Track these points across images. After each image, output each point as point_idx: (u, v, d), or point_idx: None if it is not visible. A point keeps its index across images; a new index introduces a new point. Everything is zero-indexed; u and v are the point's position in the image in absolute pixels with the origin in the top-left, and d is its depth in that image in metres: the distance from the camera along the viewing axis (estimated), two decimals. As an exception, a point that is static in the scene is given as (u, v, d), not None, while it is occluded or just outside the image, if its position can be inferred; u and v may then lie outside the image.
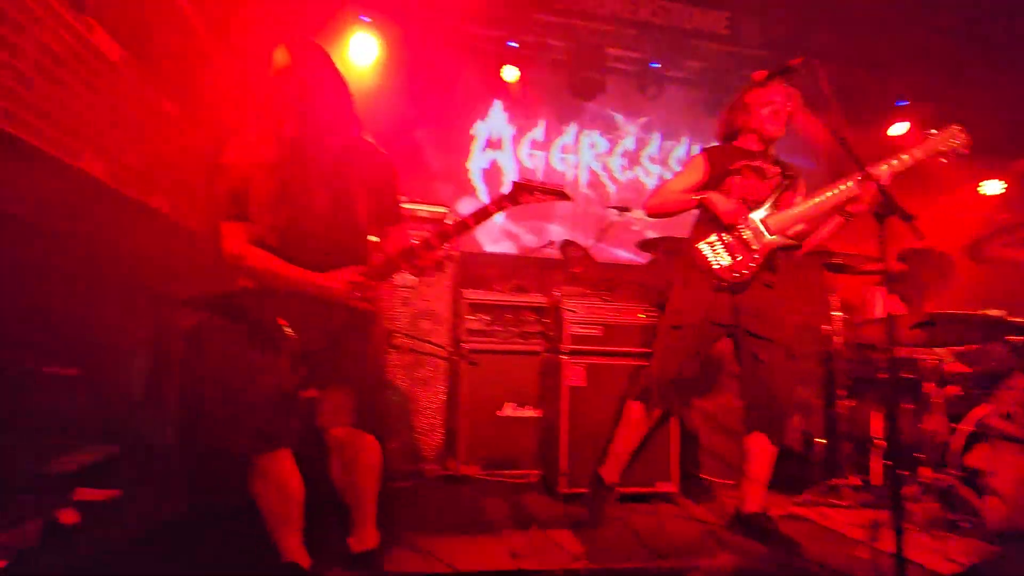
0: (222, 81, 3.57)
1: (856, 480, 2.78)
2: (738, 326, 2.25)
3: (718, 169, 2.32)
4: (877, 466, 2.79)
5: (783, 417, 2.23)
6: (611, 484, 2.33)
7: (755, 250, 2.19)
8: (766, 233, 2.19)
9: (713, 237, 2.23)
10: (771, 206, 2.22)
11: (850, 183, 2.09)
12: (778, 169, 2.32)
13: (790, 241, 2.21)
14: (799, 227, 2.22)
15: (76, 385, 2.29)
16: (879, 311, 3.23)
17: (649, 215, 2.44)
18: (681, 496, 2.80)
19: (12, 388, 1.89)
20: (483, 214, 1.64)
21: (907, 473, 2.72)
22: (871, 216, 1.60)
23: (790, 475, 3.07)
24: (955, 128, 2.05)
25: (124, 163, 2.48)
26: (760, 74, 1.98)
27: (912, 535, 2.32)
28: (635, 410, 2.35)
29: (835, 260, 2.82)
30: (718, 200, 2.20)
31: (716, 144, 2.48)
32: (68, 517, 1.81)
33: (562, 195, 1.69)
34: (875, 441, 2.82)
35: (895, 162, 2.02)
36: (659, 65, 5.03)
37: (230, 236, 1.62)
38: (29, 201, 1.99)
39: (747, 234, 2.19)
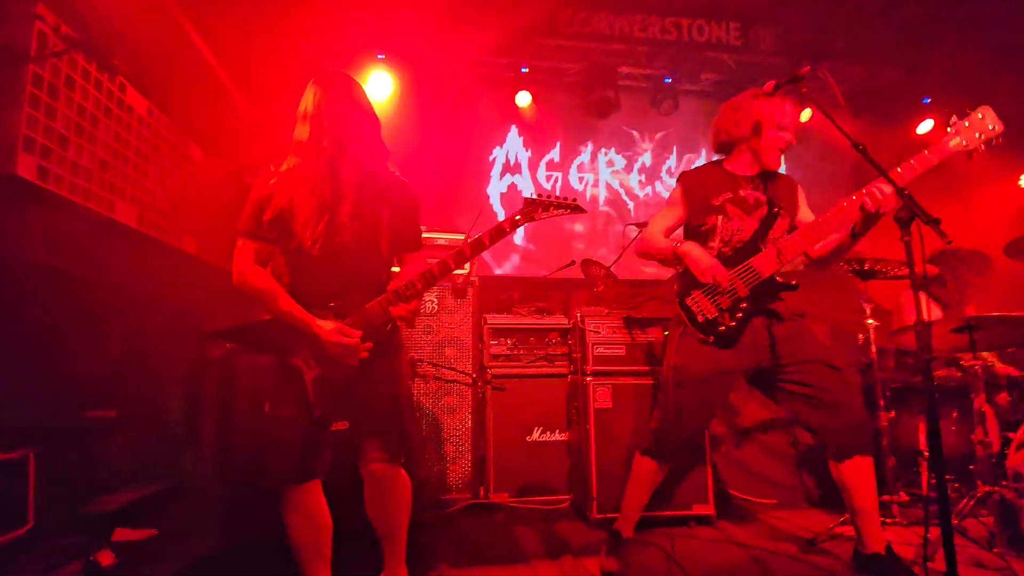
0: (245, 121, 3.73)
1: (904, 496, 2.64)
2: (761, 363, 2.04)
3: (697, 202, 2.15)
4: (927, 480, 2.65)
5: (860, 426, 1.97)
6: (628, 538, 2.19)
7: (742, 298, 2.00)
8: (754, 274, 2.00)
9: (696, 289, 2.05)
10: (756, 244, 2.03)
11: (844, 204, 1.89)
12: (765, 197, 2.11)
13: (785, 281, 2.02)
14: (794, 256, 2.01)
15: (116, 427, 2.37)
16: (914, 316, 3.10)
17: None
18: (719, 518, 2.70)
19: (54, 433, 1.97)
20: (498, 232, 1.66)
21: (957, 486, 2.57)
22: (893, 220, 1.53)
23: (834, 492, 2.94)
24: (978, 115, 1.73)
25: (155, 209, 2.60)
26: (770, 84, 1.94)
27: (971, 552, 2.18)
28: (647, 466, 2.16)
29: (867, 266, 2.73)
30: (692, 255, 2.03)
31: (697, 167, 2.29)
32: (106, 558, 1.86)
33: (576, 208, 1.69)
34: (925, 454, 2.69)
35: (899, 170, 1.77)
36: (671, 80, 5.04)
37: (241, 253, 1.67)
38: (68, 252, 2.10)
39: (732, 284, 2.01)
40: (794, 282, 2.01)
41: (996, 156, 1.85)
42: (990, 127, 1.72)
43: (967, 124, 1.74)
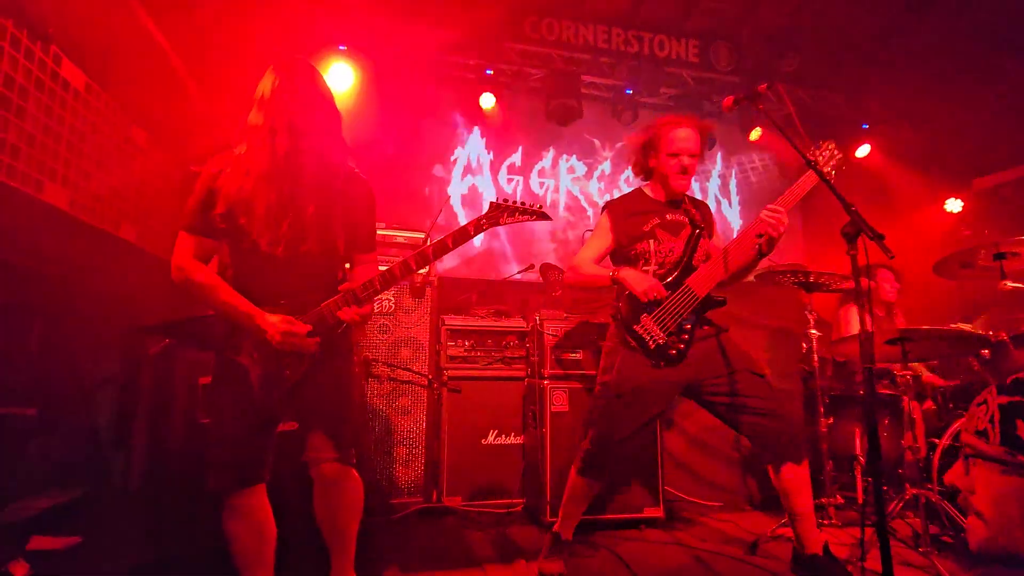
0: (196, 107, 3.54)
1: (839, 499, 2.78)
2: (694, 378, 2.10)
3: (627, 229, 2.20)
4: (861, 484, 2.79)
5: (794, 433, 2.03)
6: (567, 540, 2.20)
7: (684, 317, 2.07)
8: (692, 295, 2.07)
9: (643, 314, 2.08)
10: (689, 263, 2.11)
11: (747, 232, 2.03)
12: (687, 219, 2.21)
13: (717, 298, 2.10)
14: (722, 277, 2.10)
15: (36, 426, 2.18)
16: (853, 328, 3.28)
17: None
18: (668, 520, 2.76)
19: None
20: (462, 235, 1.63)
21: (887, 489, 2.72)
22: (840, 235, 1.61)
23: (775, 496, 3.06)
24: (829, 145, 2.06)
25: (89, 193, 2.42)
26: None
27: (899, 552, 2.31)
28: (581, 483, 2.15)
29: (811, 279, 2.86)
30: (631, 279, 2.07)
31: (622, 195, 2.36)
32: (19, 570, 1.70)
33: (541, 215, 1.68)
34: (860, 459, 2.83)
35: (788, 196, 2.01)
36: (632, 92, 5.15)
37: (181, 247, 1.58)
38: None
39: (672, 303, 2.07)
40: (722, 298, 2.10)
41: (926, 183, 2.03)
42: (837, 155, 2.07)
43: (824, 155, 2.06)
